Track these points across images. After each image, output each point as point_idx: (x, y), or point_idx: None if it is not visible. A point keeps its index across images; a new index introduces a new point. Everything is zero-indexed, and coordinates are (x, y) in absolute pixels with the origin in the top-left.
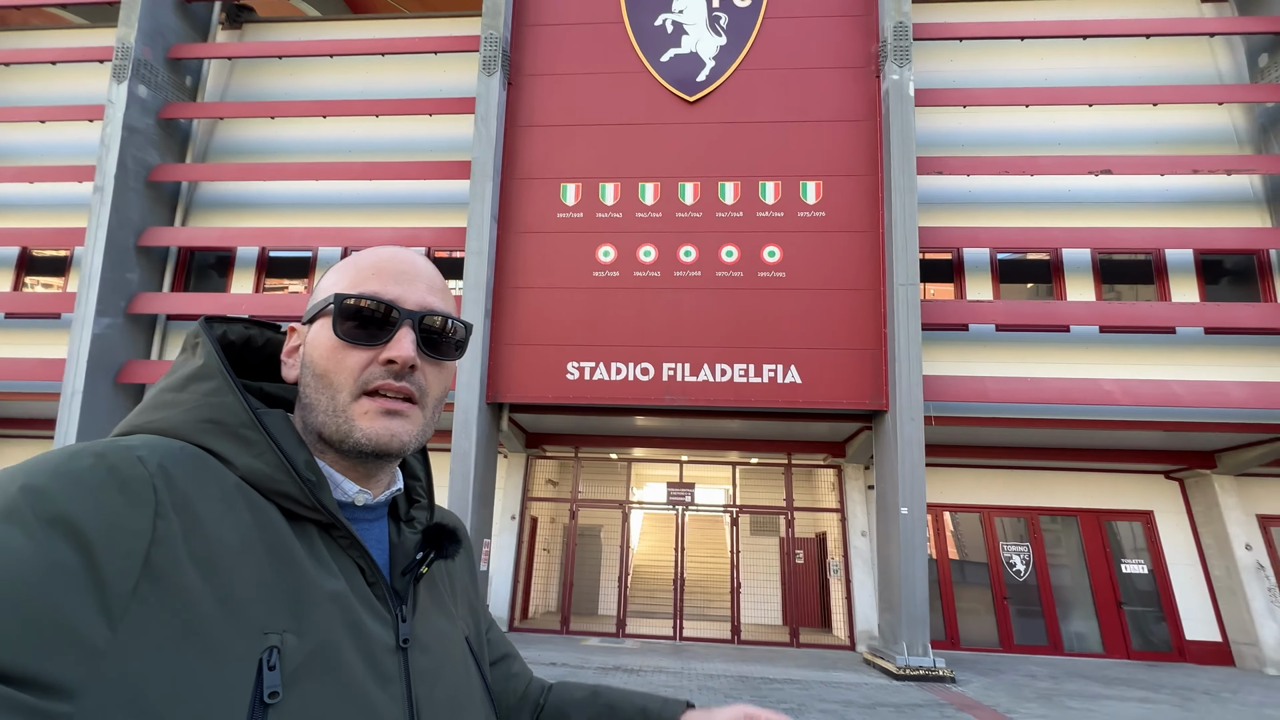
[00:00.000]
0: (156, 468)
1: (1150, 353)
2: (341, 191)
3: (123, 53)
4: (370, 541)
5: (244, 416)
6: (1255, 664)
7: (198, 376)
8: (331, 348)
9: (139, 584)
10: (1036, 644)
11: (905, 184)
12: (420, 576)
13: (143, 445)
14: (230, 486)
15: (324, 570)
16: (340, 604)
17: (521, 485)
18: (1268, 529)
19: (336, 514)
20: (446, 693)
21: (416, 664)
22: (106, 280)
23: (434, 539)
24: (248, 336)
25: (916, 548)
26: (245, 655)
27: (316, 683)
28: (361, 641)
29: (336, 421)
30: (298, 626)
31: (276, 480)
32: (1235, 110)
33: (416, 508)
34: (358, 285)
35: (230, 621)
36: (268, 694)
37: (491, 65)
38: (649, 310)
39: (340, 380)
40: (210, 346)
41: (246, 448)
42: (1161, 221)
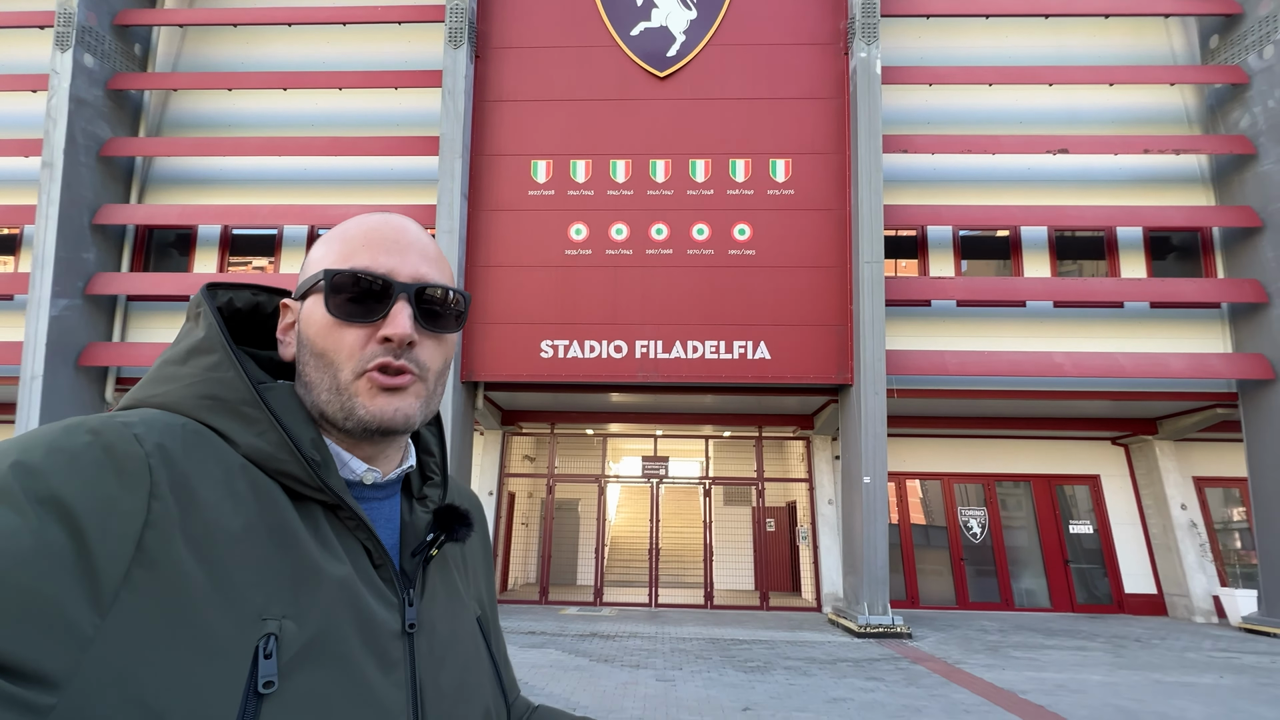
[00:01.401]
0: (154, 446)
1: (1100, 326)
2: (306, 167)
3: (65, 19)
4: (380, 521)
5: (245, 393)
6: (1185, 613)
7: (199, 350)
8: (326, 325)
9: (131, 569)
10: (990, 601)
11: (872, 163)
12: (430, 558)
13: (141, 422)
14: (233, 466)
15: (328, 553)
16: (344, 588)
17: (498, 462)
18: (1202, 490)
19: (343, 495)
20: (454, 677)
21: (422, 648)
22: (61, 260)
23: (445, 520)
24: (256, 303)
25: (878, 514)
26: (241, 643)
27: (315, 670)
28: (365, 627)
29: (340, 400)
30: (297, 613)
31: (279, 460)
32: (1187, 91)
33: (430, 485)
34: (348, 258)
35: (226, 608)
36: (262, 683)
37: (458, 37)
38: (622, 288)
39: (339, 359)
40: (211, 317)
41: (248, 426)
42: (1114, 200)
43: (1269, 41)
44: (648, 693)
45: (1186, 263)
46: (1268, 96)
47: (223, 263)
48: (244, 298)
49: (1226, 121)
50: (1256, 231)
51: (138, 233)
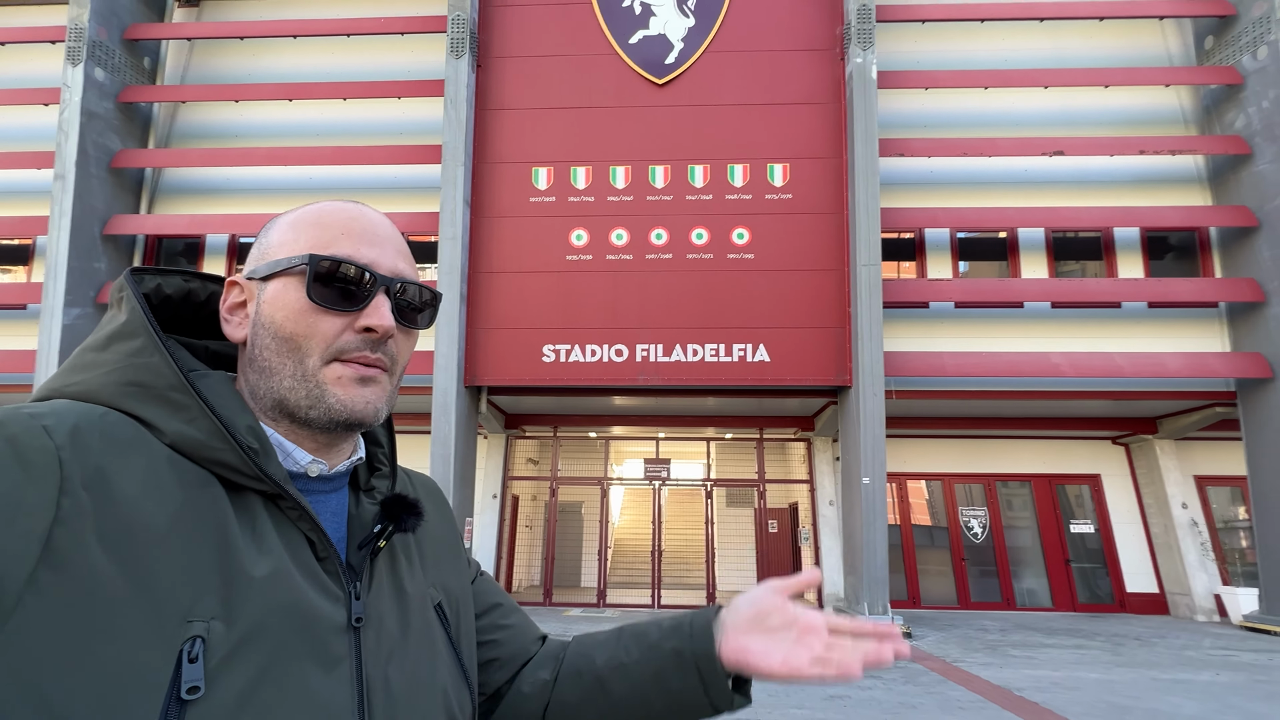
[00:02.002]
0: (66, 438)
1: (1098, 326)
2: (311, 176)
3: (76, 34)
4: (326, 514)
5: (172, 379)
6: (1187, 612)
7: (121, 335)
8: (301, 310)
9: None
10: (992, 601)
11: (868, 167)
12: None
13: (51, 413)
14: (157, 457)
15: (265, 546)
16: (281, 583)
17: (502, 465)
18: (1203, 488)
19: (283, 484)
20: (404, 671)
21: (369, 643)
22: (74, 270)
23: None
24: (187, 290)
25: (877, 515)
26: (162, 648)
27: (247, 673)
28: (305, 623)
29: (306, 387)
30: (227, 612)
31: (211, 448)
32: (1183, 92)
33: (378, 476)
34: (326, 245)
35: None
36: (186, 689)
37: (459, 47)
38: (622, 292)
39: (310, 345)
40: (135, 301)
41: (176, 413)
42: (1111, 201)
43: (1263, 42)
44: None
45: (1184, 263)
46: (1262, 97)
47: (230, 270)
48: (174, 284)
49: (1222, 122)
50: (1253, 231)
51: (148, 242)
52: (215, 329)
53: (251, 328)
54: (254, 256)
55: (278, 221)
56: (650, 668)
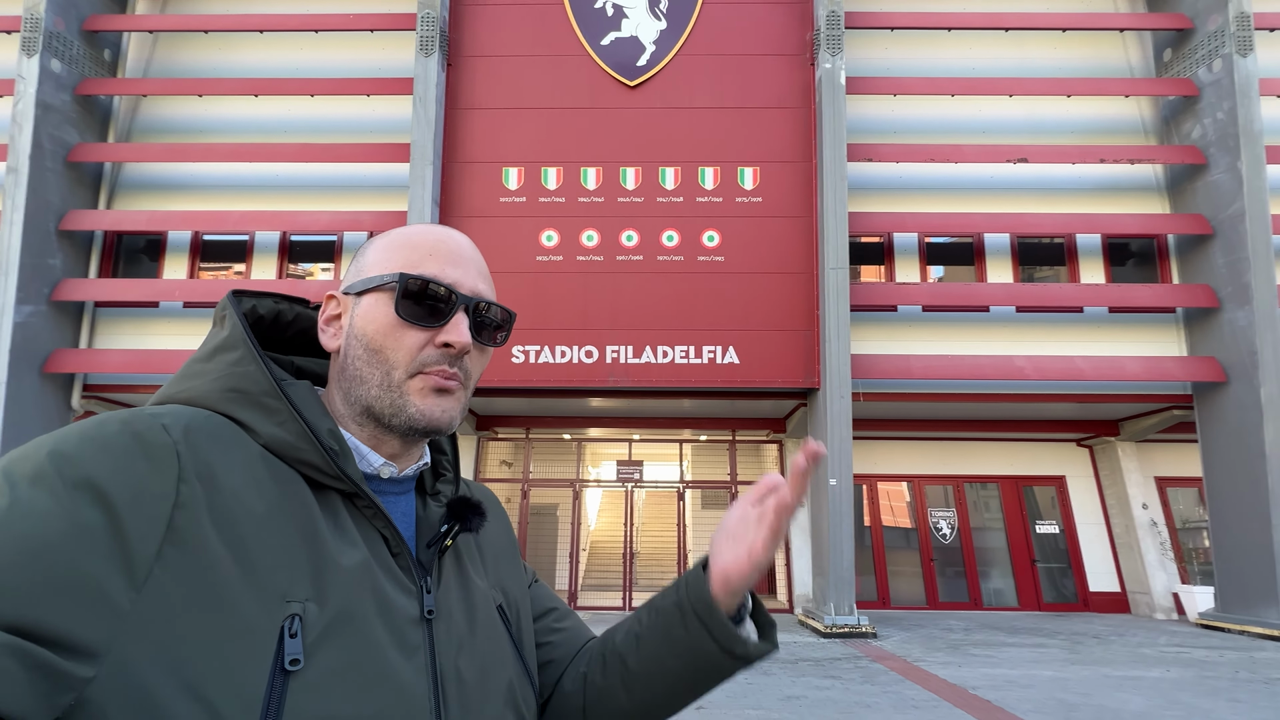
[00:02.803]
0: (180, 434)
1: (1060, 330)
2: (278, 174)
3: (32, 24)
4: (396, 514)
5: (266, 385)
6: (1147, 610)
7: (223, 347)
8: (390, 324)
9: (163, 547)
10: (959, 601)
11: (837, 171)
12: (445, 549)
13: (168, 414)
14: (254, 455)
15: (347, 540)
16: (363, 573)
17: (473, 467)
18: (1164, 489)
19: (360, 483)
20: (474, 663)
21: (441, 634)
22: (26, 266)
23: (458, 512)
24: (278, 311)
25: (844, 516)
26: (267, 622)
27: (338, 651)
28: (385, 611)
29: (390, 396)
30: (319, 595)
31: (299, 449)
32: (1143, 102)
33: (442, 481)
34: (415, 265)
35: (252, 588)
36: (289, 661)
37: (429, 45)
38: (592, 294)
39: (397, 358)
40: (236, 318)
41: (269, 416)
42: (1073, 207)
43: (1217, 55)
44: None
45: (1143, 269)
46: (1217, 109)
47: (193, 269)
48: (267, 305)
49: (1179, 132)
50: (1208, 239)
51: (106, 238)
52: (300, 346)
53: (345, 339)
54: (351, 274)
55: (375, 241)
56: (659, 630)
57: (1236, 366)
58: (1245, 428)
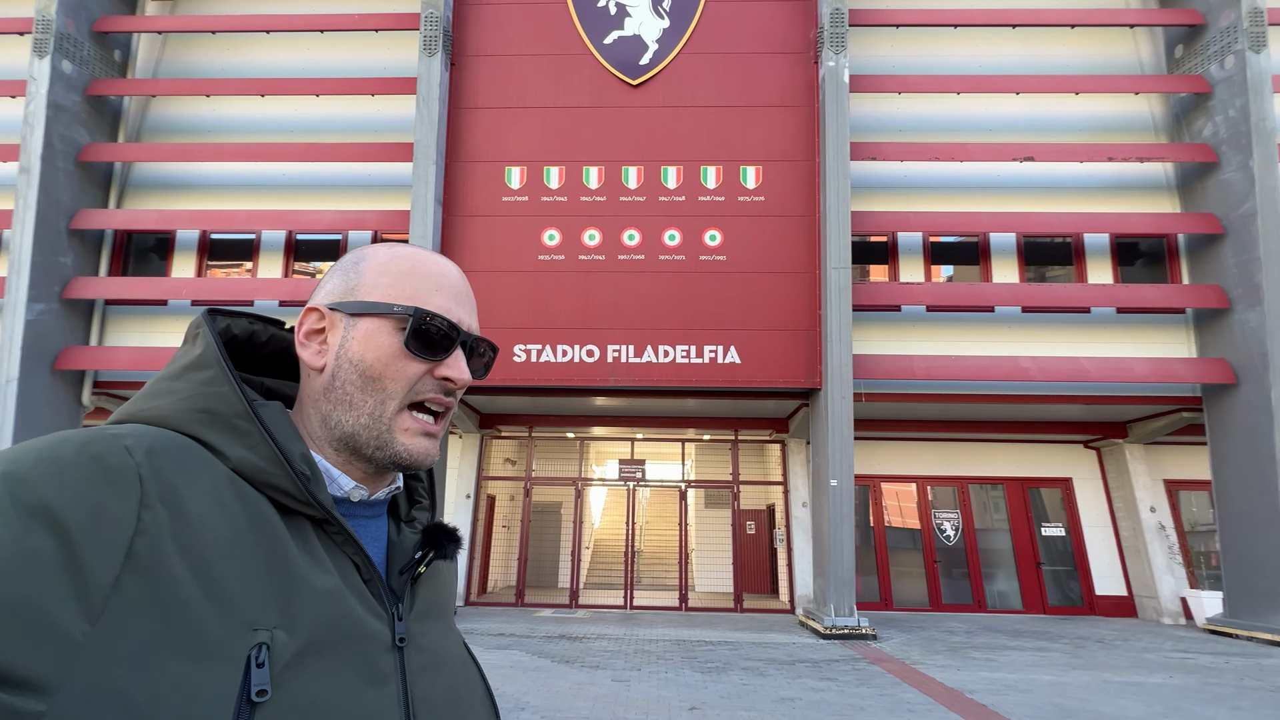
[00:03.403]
0: (143, 457)
1: (1067, 331)
2: (284, 173)
3: (43, 25)
4: (367, 539)
5: (239, 407)
6: (1154, 615)
7: (194, 366)
8: (394, 355)
9: (121, 575)
10: (963, 603)
11: (840, 170)
12: (418, 576)
13: (130, 434)
14: (221, 478)
15: (317, 566)
16: (334, 600)
17: (476, 465)
18: (1173, 493)
19: (330, 509)
20: (445, 692)
21: (413, 662)
22: (38, 265)
23: (434, 539)
24: (252, 331)
25: (845, 517)
26: (233, 651)
27: (307, 680)
28: (355, 639)
29: (378, 429)
30: (288, 623)
31: (269, 473)
32: (1154, 99)
33: (418, 508)
34: (423, 299)
35: (218, 616)
36: (255, 692)
37: (433, 45)
38: (594, 293)
39: (395, 388)
40: (210, 337)
41: (239, 439)
42: (1081, 206)
43: (1230, 52)
44: (600, 693)
45: (1152, 269)
46: (1229, 106)
47: (201, 267)
48: (241, 325)
49: (1191, 130)
50: (1219, 238)
51: (116, 237)
52: (273, 368)
53: (334, 359)
54: (337, 289)
55: (366, 259)
56: None
57: (1247, 368)
58: (1256, 430)
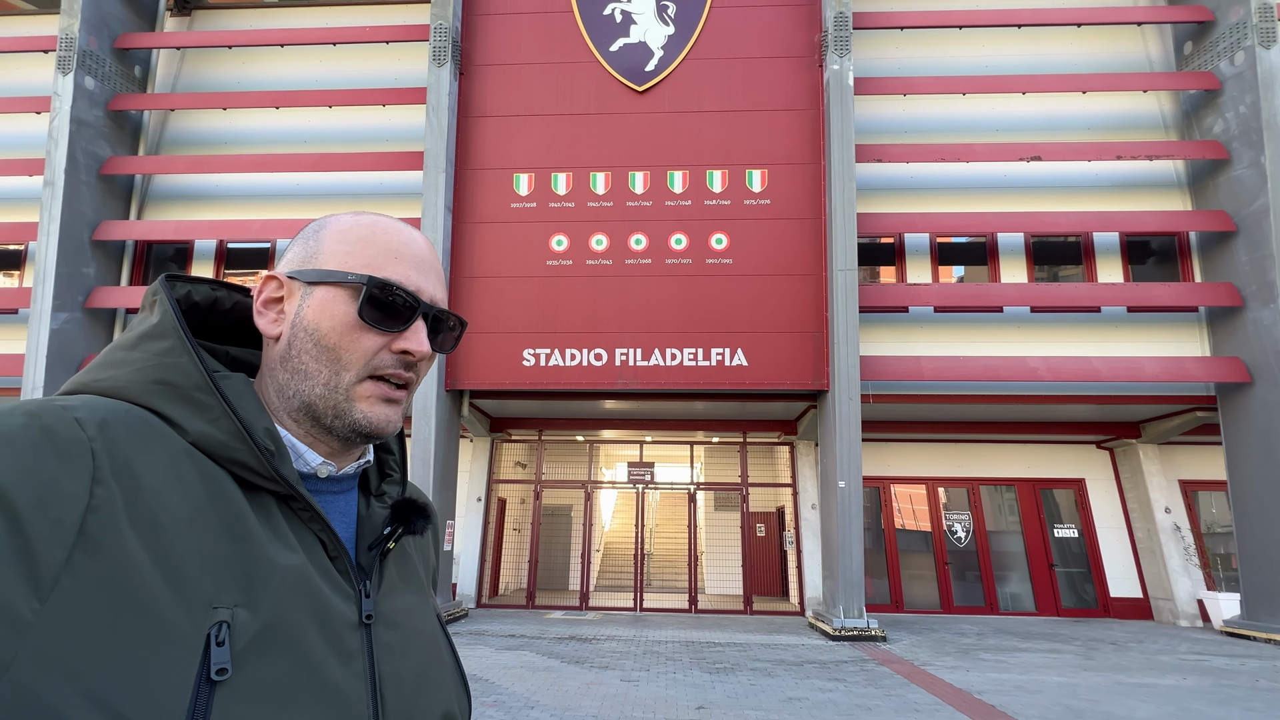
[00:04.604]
0: (96, 430)
1: (1077, 330)
2: (298, 182)
3: (66, 43)
4: (335, 514)
5: (198, 379)
6: (1170, 617)
7: (151, 335)
8: (348, 325)
9: (72, 553)
10: (974, 605)
11: (845, 172)
12: (388, 552)
13: (82, 406)
14: (179, 452)
15: (281, 543)
16: (298, 578)
17: (487, 468)
18: (1188, 493)
19: (295, 485)
20: (414, 668)
21: (380, 639)
22: (62, 275)
23: (403, 514)
24: (214, 298)
25: (853, 518)
26: (191, 630)
27: (269, 659)
28: (321, 616)
29: (335, 399)
30: (250, 601)
31: (231, 448)
32: (1163, 97)
33: (388, 482)
34: (380, 267)
35: (175, 595)
36: (215, 671)
37: (441, 55)
38: (601, 297)
39: (351, 359)
40: (168, 305)
41: (199, 412)
42: (1090, 205)
43: (1240, 48)
44: (608, 692)
45: (1163, 267)
46: (1239, 102)
47: (218, 275)
48: (203, 292)
49: (1201, 127)
50: (1231, 235)
51: (136, 248)
52: (237, 336)
53: (290, 328)
54: (297, 256)
55: (327, 227)
56: None
57: (1261, 367)
58: (1271, 429)
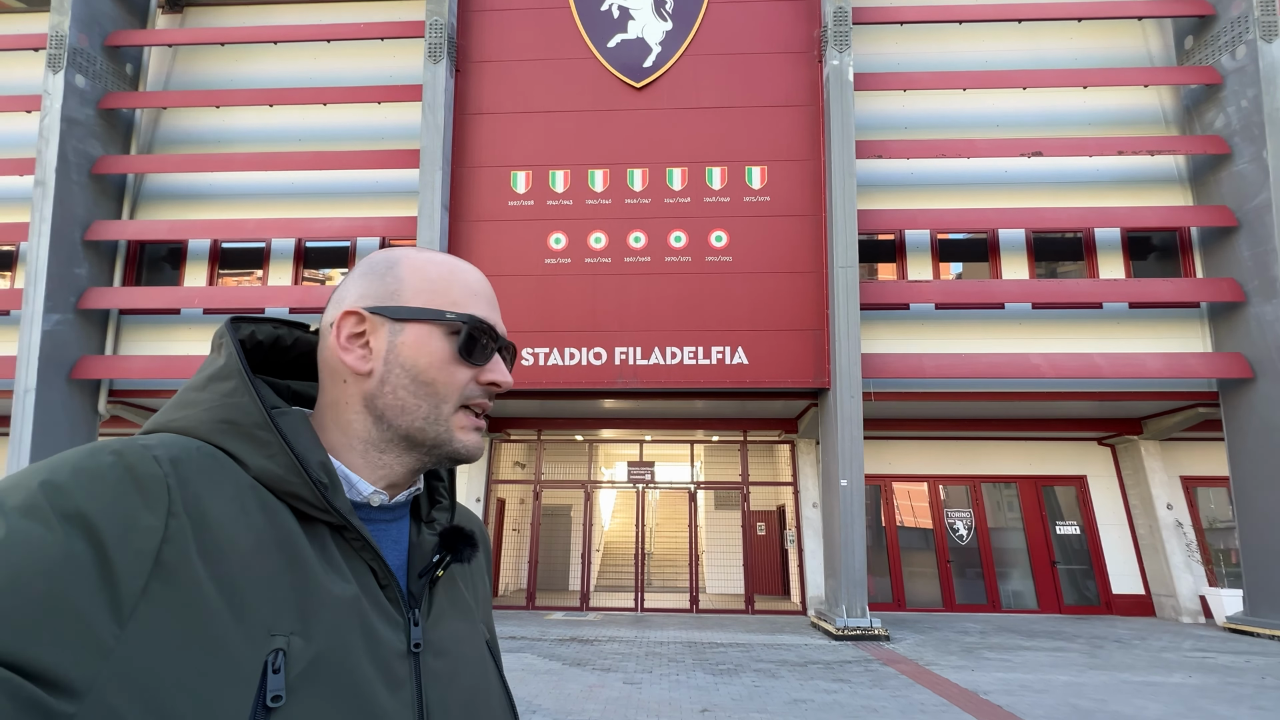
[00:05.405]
0: (170, 467)
1: (1079, 327)
2: (293, 181)
3: (57, 41)
4: (387, 543)
5: (258, 417)
6: (1173, 614)
7: (218, 376)
8: (445, 360)
9: (150, 582)
10: (977, 603)
11: (845, 169)
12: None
13: (159, 444)
14: (244, 487)
15: (335, 573)
16: (350, 607)
17: (486, 468)
18: (1190, 489)
19: (348, 516)
20: (461, 697)
21: (429, 668)
22: (54, 276)
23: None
24: (276, 336)
25: (855, 517)
26: (251, 657)
27: (321, 687)
28: (371, 646)
29: (437, 430)
30: (305, 629)
31: (288, 481)
32: (1163, 92)
33: (438, 509)
34: (465, 305)
35: (237, 622)
36: (270, 697)
37: (437, 52)
38: (600, 296)
39: (448, 392)
40: (232, 347)
41: (260, 448)
42: (1092, 201)
43: (1241, 42)
44: (612, 695)
45: (1165, 263)
46: (1240, 96)
47: (212, 276)
48: (265, 331)
49: (1202, 122)
50: (1233, 231)
51: (129, 248)
52: (297, 371)
53: (383, 364)
54: (373, 292)
55: (401, 264)
56: None
57: (1264, 362)
58: (1273, 425)
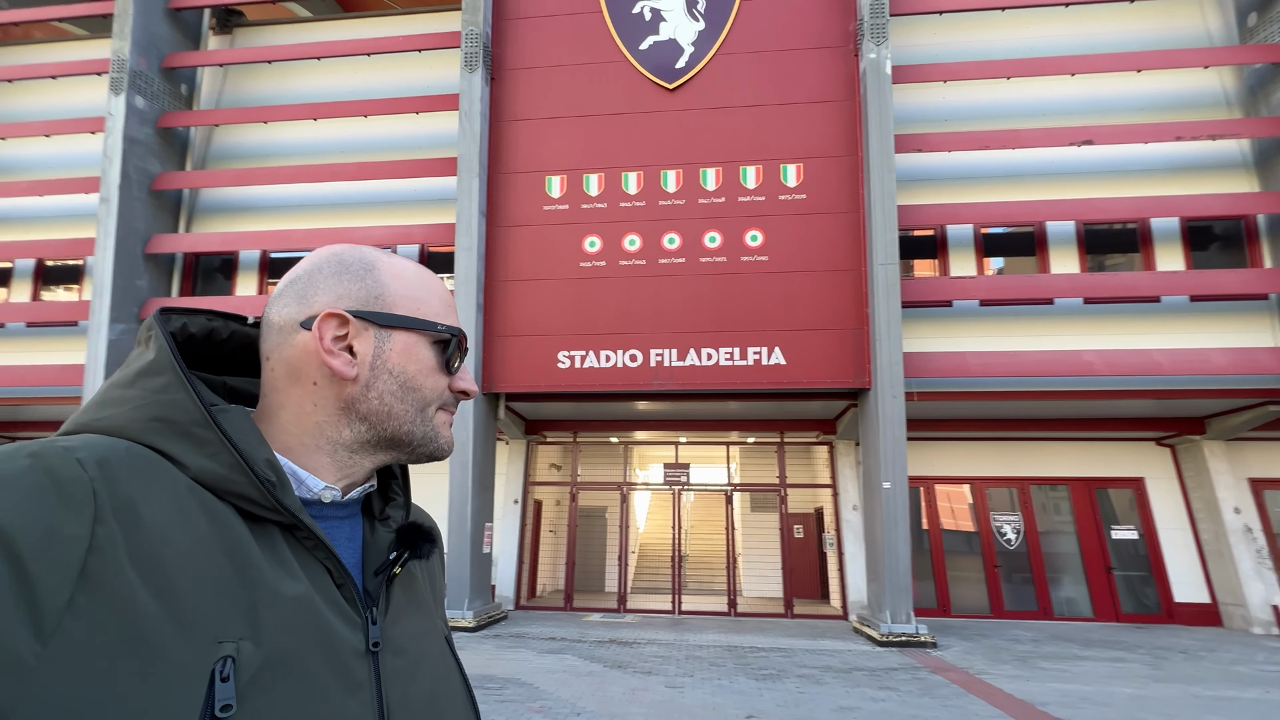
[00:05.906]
0: (96, 470)
1: (1135, 322)
2: (336, 192)
3: (118, 65)
4: (341, 540)
5: (196, 414)
6: (1243, 624)
7: (148, 372)
8: (432, 368)
9: (75, 596)
10: (1027, 610)
11: (884, 164)
12: (394, 577)
13: (83, 446)
14: (181, 489)
15: (286, 573)
16: (304, 608)
17: (523, 470)
18: (1259, 492)
19: (298, 514)
20: (423, 695)
21: (389, 667)
22: (118, 288)
23: (408, 538)
24: (210, 329)
25: (899, 520)
26: (196, 667)
27: (275, 692)
28: (327, 646)
29: (424, 430)
30: (255, 634)
31: (231, 481)
32: (1225, 73)
33: (392, 505)
34: (444, 315)
35: (179, 632)
36: (219, 707)
37: (473, 61)
38: (635, 298)
39: (431, 397)
40: (163, 340)
41: (199, 447)
42: (1147, 189)
43: None
44: (654, 699)
45: (1229, 253)
46: None
47: (262, 285)
48: (199, 323)
49: (1269, 103)
50: None
51: (185, 259)
52: (234, 366)
53: (370, 370)
54: (357, 295)
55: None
56: None
57: None
58: None
